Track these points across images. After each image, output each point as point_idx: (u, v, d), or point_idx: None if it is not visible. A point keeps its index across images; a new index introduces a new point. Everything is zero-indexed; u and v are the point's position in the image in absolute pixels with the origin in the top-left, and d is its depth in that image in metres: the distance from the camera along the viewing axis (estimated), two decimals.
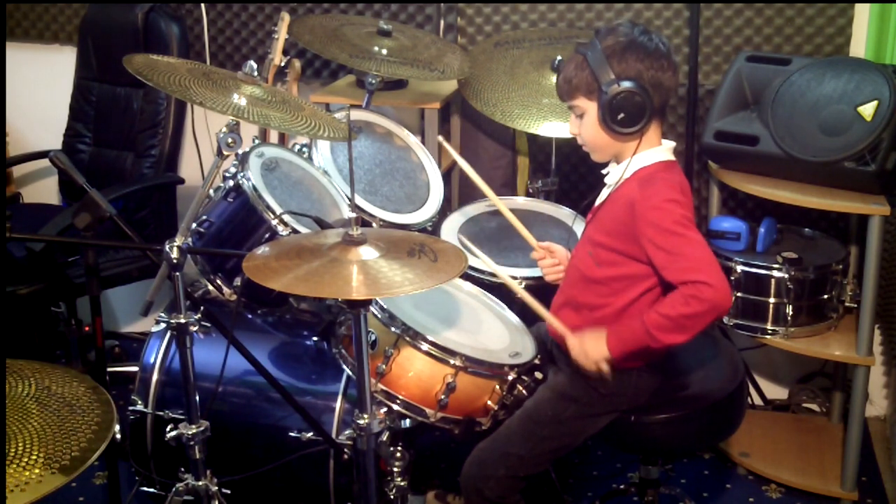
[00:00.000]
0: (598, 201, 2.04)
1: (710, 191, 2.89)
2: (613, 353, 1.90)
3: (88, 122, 3.30)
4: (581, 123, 1.97)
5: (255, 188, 2.20)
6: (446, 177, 2.97)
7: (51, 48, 3.47)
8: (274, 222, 2.18)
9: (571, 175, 3.11)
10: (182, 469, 2.05)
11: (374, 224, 2.44)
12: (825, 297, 2.58)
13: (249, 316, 2.44)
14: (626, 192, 1.91)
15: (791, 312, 2.55)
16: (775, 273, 2.54)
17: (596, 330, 1.93)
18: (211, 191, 2.27)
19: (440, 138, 2.32)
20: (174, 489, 2.03)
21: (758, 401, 3.10)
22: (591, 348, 1.92)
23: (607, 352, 1.90)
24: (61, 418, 1.47)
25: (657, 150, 1.95)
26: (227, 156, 1.87)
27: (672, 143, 1.98)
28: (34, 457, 1.37)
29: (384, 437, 2.03)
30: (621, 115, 1.88)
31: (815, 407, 3.07)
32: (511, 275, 2.41)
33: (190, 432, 1.97)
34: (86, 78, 3.30)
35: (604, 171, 2.03)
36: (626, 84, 1.86)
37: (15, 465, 1.34)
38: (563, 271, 2.17)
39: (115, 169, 3.22)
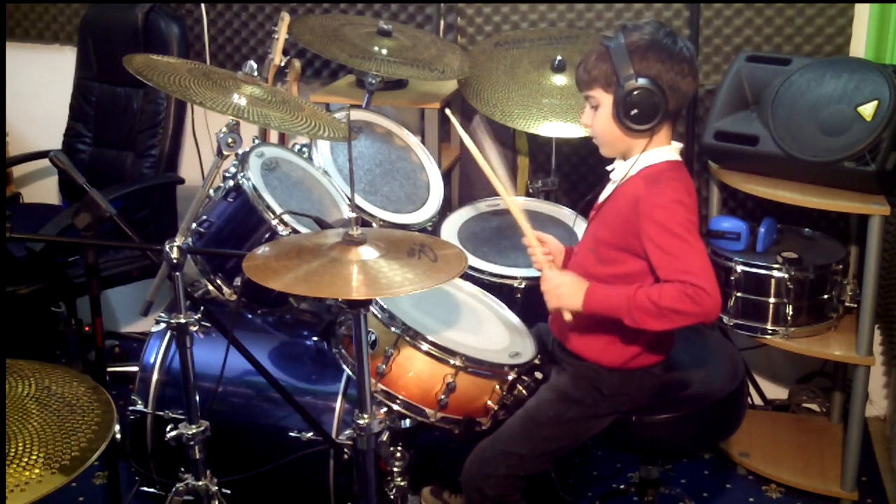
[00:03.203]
0: (602, 198, 2.04)
1: (710, 191, 2.89)
2: (586, 311, 1.89)
3: (88, 122, 3.30)
4: (595, 115, 1.96)
5: (255, 188, 2.20)
6: (446, 177, 2.97)
7: (51, 48, 3.48)
8: (274, 222, 2.18)
9: (571, 175, 3.11)
10: (182, 469, 2.05)
11: (374, 224, 2.44)
12: (825, 297, 2.58)
13: (249, 316, 2.45)
14: (631, 189, 1.91)
15: (791, 312, 2.55)
16: (775, 273, 2.54)
17: (577, 280, 1.92)
18: (211, 191, 2.27)
19: (448, 111, 2.31)
20: (174, 489, 2.03)
21: (758, 401, 3.10)
22: (565, 293, 1.91)
23: (580, 306, 1.89)
24: (61, 418, 1.47)
25: (665, 149, 1.95)
26: (227, 156, 1.87)
27: (679, 145, 1.98)
28: (34, 457, 1.37)
29: (384, 437, 2.03)
30: (634, 112, 1.88)
31: (815, 407, 3.07)
32: (511, 274, 2.42)
33: (190, 432, 1.97)
34: (86, 78, 3.30)
35: (608, 168, 2.03)
36: (643, 81, 1.86)
37: (15, 465, 1.34)
38: (551, 262, 2.17)
39: (115, 169, 3.22)
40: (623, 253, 1.93)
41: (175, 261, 1.87)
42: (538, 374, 2.13)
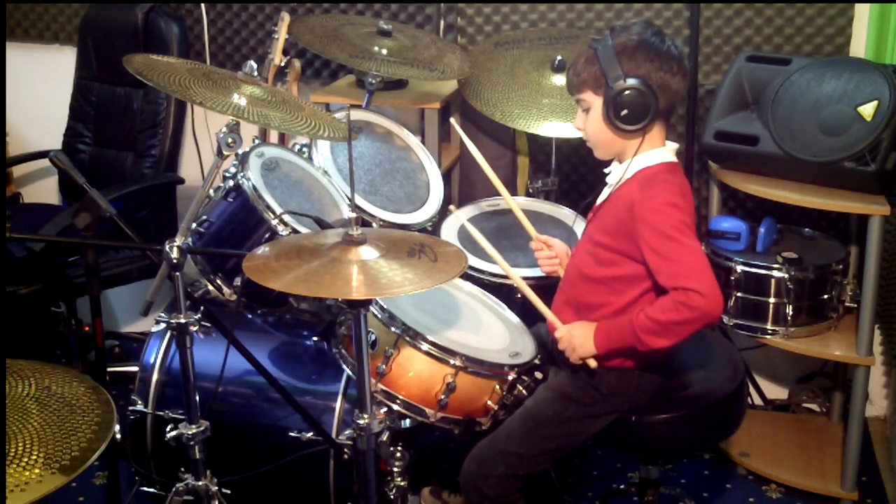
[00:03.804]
0: (599, 200, 2.04)
1: (710, 191, 2.89)
2: (600, 350, 1.91)
3: (88, 122, 3.30)
4: (587, 118, 1.97)
5: (255, 188, 2.20)
6: (446, 177, 2.97)
7: (51, 48, 3.48)
8: (274, 222, 2.18)
9: (571, 175, 3.11)
10: (182, 469, 2.05)
11: (374, 224, 2.44)
12: (825, 297, 2.58)
13: (249, 316, 2.44)
14: (627, 193, 1.92)
15: (791, 312, 2.55)
16: (775, 273, 2.54)
17: (585, 324, 1.94)
18: (211, 191, 2.27)
19: (452, 120, 2.31)
20: (174, 489, 2.04)
21: (758, 401, 3.10)
22: (578, 342, 1.93)
23: (594, 348, 1.91)
24: (61, 418, 1.47)
25: (660, 151, 1.95)
26: (227, 156, 1.87)
27: (675, 145, 1.98)
28: (34, 457, 1.37)
29: (384, 437, 2.03)
30: (625, 112, 1.88)
31: (815, 407, 3.07)
32: None
33: (190, 432, 1.97)
34: (86, 78, 3.30)
35: (605, 171, 2.03)
36: (633, 81, 1.86)
37: (15, 465, 1.34)
38: (558, 265, 2.18)
39: (115, 169, 3.22)
40: (620, 256, 1.93)
41: (175, 261, 1.87)
42: (538, 374, 2.13)
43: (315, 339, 2.36)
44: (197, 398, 1.99)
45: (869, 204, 2.41)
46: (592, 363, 1.94)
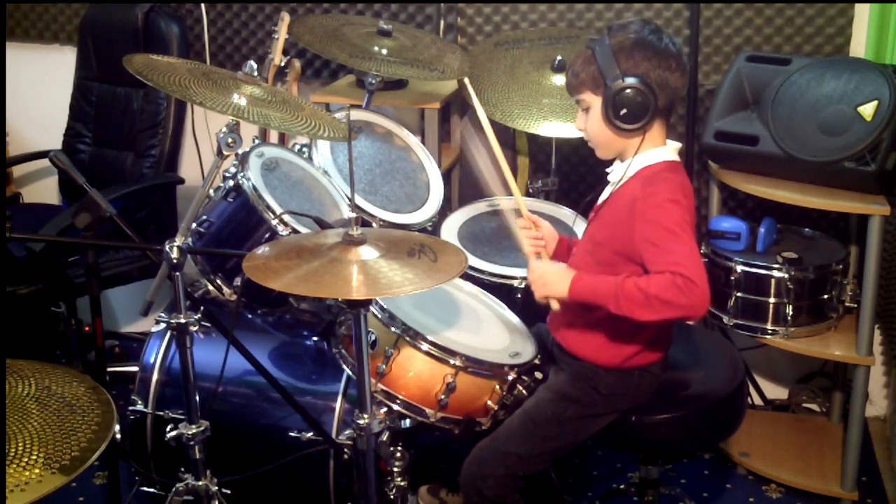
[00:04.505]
0: (601, 200, 2.04)
1: (710, 191, 2.89)
2: (571, 295, 1.88)
3: (88, 122, 3.30)
4: (587, 118, 1.97)
5: (255, 188, 2.20)
6: (446, 177, 2.97)
7: (51, 48, 3.48)
8: (274, 222, 2.18)
9: (571, 175, 3.11)
10: (182, 469, 2.05)
11: (374, 224, 2.44)
12: (825, 297, 2.58)
13: (249, 316, 2.45)
14: (629, 191, 1.92)
15: (791, 312, 2.55)
16: (775, 273, 2.54)
17: (565, 267, 1.93)
18: (211, 191, 2.28)
19: (466, 80, 2.30)
20: (174, 489, 2.03)
21: (758, 401, 3.10)
22: (551, 280, 1.91)
23: (566, 292, 1.89)
24: (61, 418, 1.47)
25: (661, 149, 1.95)
26: (227, 156, 1.87)
27: (677, 144, 1.98)
28: (34, 457, 1.37)
29: (384, 437, 2.03)
30: (624, 111, 1.88)
31: (815, 407, 3.07)
32: (511, 274, 2.41)
33: (190, 432, 1.97)
34: (86, 78, 3.30)
35: (607, 171, 2.03)
36: (631, 80, 1.86)
37: (15, 465, 1.34)
38: (543, 247, 2.16)
39: (115, 169, 3.22)
40: (619, 257, 1.92)
41: (175, 261, 1.87)
42: (538, 374, 2.13)
43: (315, 339, 2.36)
44: (197, 398, 1.98)
45: (869, 204, 2.41)
46: (555, 305, 1.92)
